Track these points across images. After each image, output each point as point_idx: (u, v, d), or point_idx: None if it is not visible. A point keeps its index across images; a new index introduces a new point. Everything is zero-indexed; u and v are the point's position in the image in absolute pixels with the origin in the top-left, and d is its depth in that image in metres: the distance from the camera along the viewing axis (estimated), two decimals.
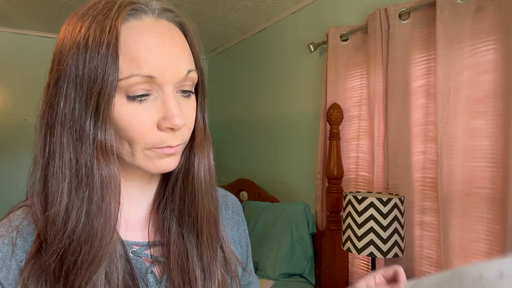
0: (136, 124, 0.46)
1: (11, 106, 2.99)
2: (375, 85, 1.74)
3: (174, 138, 0.48)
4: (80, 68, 0.44)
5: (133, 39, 0.45)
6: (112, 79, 0.44)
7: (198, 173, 0.54)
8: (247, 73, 3.04)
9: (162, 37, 0.47)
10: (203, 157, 0.54)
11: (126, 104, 0.46)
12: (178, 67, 0.47)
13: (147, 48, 0.45)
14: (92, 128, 0.45)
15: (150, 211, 0.57)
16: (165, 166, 0.50)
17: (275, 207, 2.32)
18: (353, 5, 1.98)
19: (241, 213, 0.69)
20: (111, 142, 0.46)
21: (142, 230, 0.56)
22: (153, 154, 0.49)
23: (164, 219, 0.55)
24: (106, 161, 0.45)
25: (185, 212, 0.54)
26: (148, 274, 0.52)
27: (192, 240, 0.54)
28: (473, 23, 1.37)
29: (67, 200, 0.45)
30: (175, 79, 0.47)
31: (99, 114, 0.44)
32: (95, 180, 0.45)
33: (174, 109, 0.47)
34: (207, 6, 2.43)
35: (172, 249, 0.53)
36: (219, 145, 3.38)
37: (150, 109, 0.46)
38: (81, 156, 0.45)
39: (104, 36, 0.44)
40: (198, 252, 0.54)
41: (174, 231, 0.54)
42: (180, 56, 0.48)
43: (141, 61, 0.45)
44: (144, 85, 0.46)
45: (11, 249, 0.47)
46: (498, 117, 1.30)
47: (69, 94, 0.45)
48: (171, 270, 0.53)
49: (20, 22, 2.81)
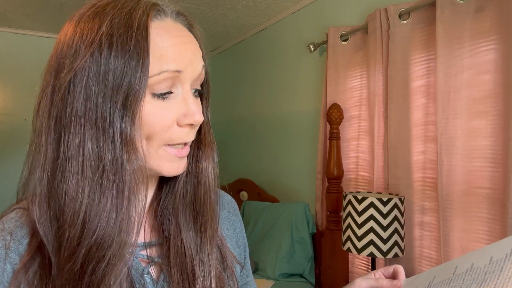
0: (160, 121, 0.47)
1: (11, 106, 2.99)
2: (375, 85, 1.74)
3: (190, 135, 0.51)
4: (103, 65, 0.44)
5: (159, 37, 0.47)
6: (141, 76, 0.44)
7: (207, 171, 0.56)
8: (247, 73, 3.04)
9: (182, 36, 0.50)
10: (210, 155, 0.57)
11: (150, 101, 0.47)
12: (197, 63, 0.51)
13: (172, 46, 0.48)
14: (119, 124, 0.44)
15: (147, 212, 0.57)
16: (177, 169, 0.51)
17: (275, 207, 2.32)
18: (353, 5, 1.98)
19: (237, 213, 0.69)
20: (137, 137, 0.46)
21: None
22: (165, 154, 0.50)
23: (163, 219, 0.55)
24: (136, 155, 0.46)
25: (186, 209, 0.55)
26: (144, 275, 0.52)
27: (191, 238, 0.54)
28: (473, 23, 1.37)
29: (88, 200, 0.44)
30: (193, 75, 0.50)
31: (128, 111, 0.44)
32: (126, 175, 0.45)
33: (194, 106, 0.50)
34: (207, 6, 2.43)
35: (172, 247, 0.53)
36: (219, 145, 3.34)
37: (172, 106, 0.48)
38: (107, 152, 0.44)
39: (132, 35, 0.44)
40: (199, 249, 0.54)
41: (173, 230, 0.54)
42: (197, 53, 0.52)
43: (169, 57, 0.47)
44: (169, 82, 0.47)
45: (4, 252, 0.47)
46: (498, 117, 1.30)
47: (90, 92, 0.44)
48: (170, 268, 0.53)
49: (20, 22, 2.81)
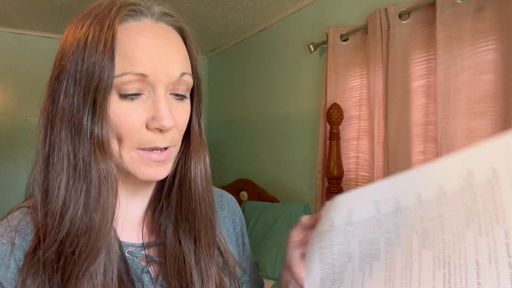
0: (125, 122, 0.46)
1: (11, 106, 2.99)
2: (375, 85, 1.74)
3: (162, 140, 0.48)
4: (79, 64, 0.46)
5: (128, 38, 0.46)
6: (108, 75, 0.45)
7: (195, 178, 0.54)
8: (247, 73, 3.04)
9: (158, 38, 0.48)
10: (199, 162, 0.55)
11: (118, 101, 0.46)
12: (172, 68, 0.48)
13: (141, 47, 0.46)
14: (89, 123, 0.46)
15: (145, 213, 0.57)
16: (153, 174, 0.50)
17: (275, 207, 2.32)
18: (353, 5, 1.98)
19: (237, 211, 0.68)
20: (108, 137, 0.46)
21: (136, 231, 0.56)
22: (139, 158, 0.49)
23: (160, 224, 0.55)
24: (103, 156, 0.46)
25: (182, 218, 0.54)
26: (144, 274, 0.53)
27: (189, 245, 0.54)
28: (473, 23, 1.37)
29: (65, 192, 0.46)
30: (167, 80, 0.48)
31: (96, 110, 0.45)
32: (93, 174, 0.46)
33: (164, 110, 0.47)
34: (207, 6, 2.43)
35: (169, 253, 0.53)
36: (219, 145, 3.38)
37: (140, 108, 0.47)
38: (79, 150, 0.46)
39: (102, 35, 0.45)
40: (196, 257, 0.54)
41: (170, 236, 0.54)
42: (175, 58, 0.49)
43: (135, 59, 0.46)
44: (136, 84, 0.46)
45: (9, 249, 0.48)
46: (498, 117, 1.30)
47: (68, 89, 0.46)
48: (168, 274, 0.53)
49: (20, 22, 2.81)
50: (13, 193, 2.83)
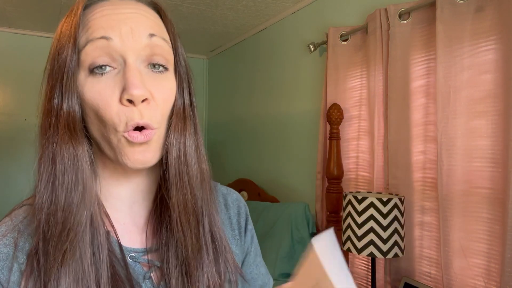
0: (100, 99, 0.44)
1: (11, 106, 2.99)
2: (375, 85, 1.74)
3: (138, 113, 0.44)
4: (55, 48, 0.47)
5: (92, 12, 0.47)
6: (73, 51, 0.45)
7: (179, 152, 0.49)
8: (247, 73, 3.04)
9: (122, 7, 0.47)
10: (181, 135, 0.49)
11: (87, 78, 0.45)
12: (138, 32, 0.45)
13: (102, 16, 0.46)
14: (65, 105, 0.45)
15: (149, 215, 0.56)
16: (140, 159, 0.46)
17: (275, 207, 2.32)
18: (353, 5, 1.98)
19: (242, 212, 0.66)
20: (75, 113, 0.46)
21: (140, 234, 0.54)
22: (126, 142, 0.45)
23: (162, 220, 0.54)
24: (73, 138, 0.46)
25: (184, 204, 0.51)
26: (146, 280, 0.51)
27: (188, 238, 0.52)
28: (473, 23, 1.37)
29: (47, 178, 0.46)
30: (134, 44, 0.45)
31: (68, 90, 0.45)
32: (64, 158, 0.45)
33: (132, 78, 0.43)
34: (207, 6, 2.43)
35: (171, 251, 0.52)
36: (219, 145, 3.38)
37: (111, 83, 0.44)
38: (53, 135, 0.46)
39: (69, 23, 0.46)
40: (194, 249, 0.52)
41: (175, 232, 0.52)
42: (141, 21, 0.46)
43: (96, 26, 0.45)
44: (103, 55, 0.44)
45: (12, 250, 0.46)
46: (498, 117, 1.30)
47: (49, 76, 0.47)
48: (171, 272, 0.52)
49: (20, 22, 2.81)
50: (13, 192, 2.83)
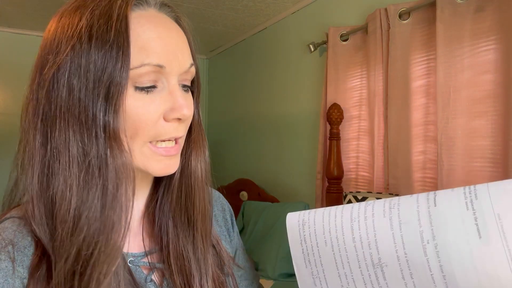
0: (143, 115, 0.45)
1: (11, 106, 2.99)
2: (375, 85, 1.74)
3: (179, 129, 0.49)
4: (83, 57, 0.43)
5: (141, 28, 0.45)
6: (124, 68, 0.43)
7: (196, 168, 0.54)
8: (247, 73, 3.04)
9: (168, 29, 0.48)
10: (200, 152, 0.55)
11: (133, 94, 0.45)
12: (184, 59, 0.48)
13: (156, 38, 0.45)
14: (102, 117, 0.43)
15: (143, 217, 0.56)
16: (165, 169, 0.49)
17: (275, 207, 2.31)
18: (353, 5, 1.98)
19: (226, 207, 0.68)
20: (124, 132, 0.44)
21: (136, 238, 0.54)
22: (150, 153, 0.47)
23: (160, 223, 0.54)
24: (120, 149, 0.44)
25: (181, 209, 0.54)
26: (148, 283, 0.51)
27: (188, 238, 0.53)
28: (473, 23, 1.37)
29: (77, 195, 0.43)
30: (179, 70, 0.48)
31: (111, 104, 0.43)
32: (109, 170, 0.43)
33: (182, 100, 0.47)
34: (207, 6, 2.43)
35: (172, 252, 0.52)
36: (219, 145, 3.38)
37: (157, 100, 0.46)
38: (91, 148, 0.43)
39: (111, 25, 0.43)
40: (194, 249, 0.53)
41: (171, 233, 0.53)
42: (185, 48, 0.49)
43: (151, 50, 0.45)
44: (152, 76, 0.45)
45: (11, 266, 0.44)
46: (498, 117, 1.30)
47: (72, 86, 0.43)
48: (172, 273, 0.52)
49: (20, 22, 2.81)
50: None
